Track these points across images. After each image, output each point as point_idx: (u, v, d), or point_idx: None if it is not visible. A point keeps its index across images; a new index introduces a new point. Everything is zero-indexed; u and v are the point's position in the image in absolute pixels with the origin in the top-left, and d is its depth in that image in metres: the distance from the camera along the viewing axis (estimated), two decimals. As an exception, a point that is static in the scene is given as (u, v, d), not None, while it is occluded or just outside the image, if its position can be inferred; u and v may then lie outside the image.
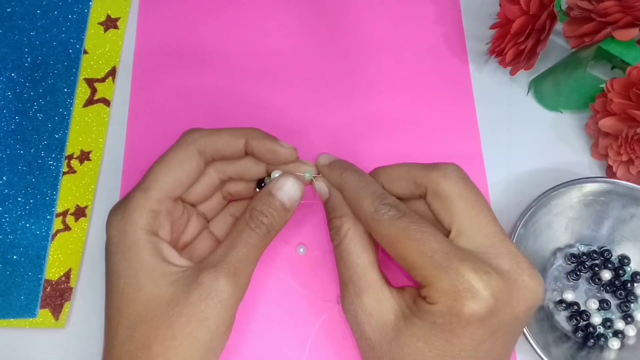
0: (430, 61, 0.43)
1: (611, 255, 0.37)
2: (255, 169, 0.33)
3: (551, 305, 0.36)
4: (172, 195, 0.31)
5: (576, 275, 0.36)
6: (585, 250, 0.37)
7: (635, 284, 0.36)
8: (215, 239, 0.34)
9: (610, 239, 0.37)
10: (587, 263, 0.37)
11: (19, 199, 0.38)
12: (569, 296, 0.36)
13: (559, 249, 0.37)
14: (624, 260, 0.37)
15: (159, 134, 0.40)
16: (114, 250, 0.29)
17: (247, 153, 0.33)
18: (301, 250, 0.36)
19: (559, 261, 0.37)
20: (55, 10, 0.43)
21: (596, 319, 0.36)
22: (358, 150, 0.40)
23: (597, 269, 0.37)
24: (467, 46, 0.43)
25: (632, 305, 0.36)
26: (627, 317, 0.36)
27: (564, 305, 0.36)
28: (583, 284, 0.37)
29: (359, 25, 0.44)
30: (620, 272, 0.36)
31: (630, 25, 0.35)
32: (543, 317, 0.35)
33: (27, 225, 0.37)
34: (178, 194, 0.31)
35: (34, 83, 0.41)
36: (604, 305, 0.36)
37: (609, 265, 0.36)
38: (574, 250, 0.37)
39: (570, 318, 0.36)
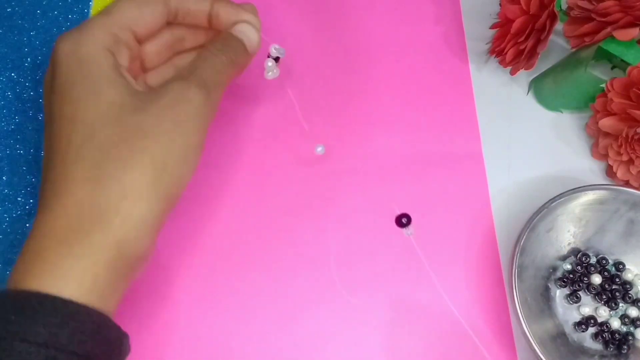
0: (430, 61, 0.43)
1: (608, 263, 0.36)
2: (201, 4, 0.31)
3: (568, 330, 0.35)
4: (135, 29, 0.28)
5: (578, 286, 0.36)
6: (585, 260, 0.36)
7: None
8: None
9: (612, 246, 0.36)
10: (589, 274, 0.36)
11: (19, 199, 0.38)
12: (586, 310, 0.35)
13: (563, 257, 0.37)
14: (618, 265, 0.36)
15: (159, 133, 0.40)
16: (65, 63, 0.25)
17: (211, 15, 0.31)
18: (319, 149, 0.38)
19: (564, 269, 0.37)
20: (55, 10, 0.43)
21: (615, 324, 0.35)
22: (358, 150, 0.40)
23: (598, 276, 0.36)
24: (467, 46, 0.43)
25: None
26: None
27: (583, 325, 0.35)
28: (586, 297, 0.36)
29: (359, 25, 0.44)
30: (617, 279, 0.36)
31: (630, 25, 0.35)
32: (567, 353, 0.34)
33: (27, 225, 0.37)
34: (140, 32, 0.28)
35: (34, 83, 0.41)
36: (612, 304, 0.35)
37: (612, 272, 0.36)
38: (575, 261, 0.37)
39: (596, 336, 0.35)
